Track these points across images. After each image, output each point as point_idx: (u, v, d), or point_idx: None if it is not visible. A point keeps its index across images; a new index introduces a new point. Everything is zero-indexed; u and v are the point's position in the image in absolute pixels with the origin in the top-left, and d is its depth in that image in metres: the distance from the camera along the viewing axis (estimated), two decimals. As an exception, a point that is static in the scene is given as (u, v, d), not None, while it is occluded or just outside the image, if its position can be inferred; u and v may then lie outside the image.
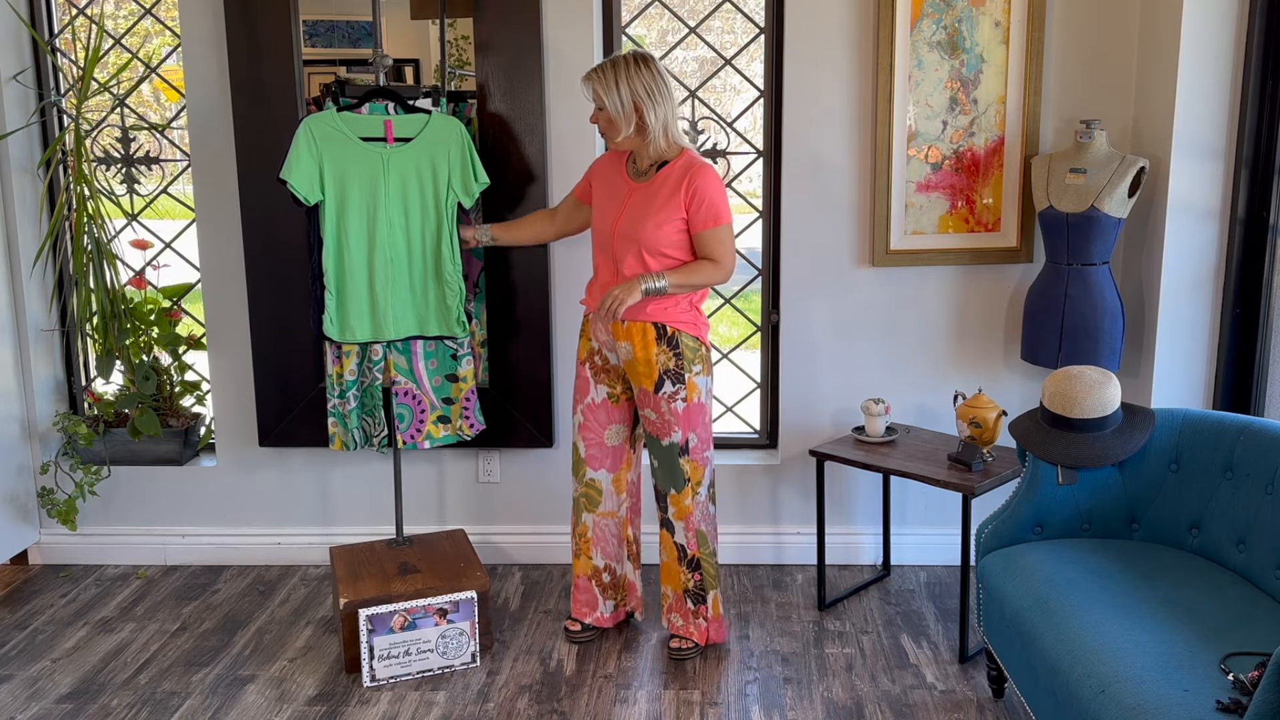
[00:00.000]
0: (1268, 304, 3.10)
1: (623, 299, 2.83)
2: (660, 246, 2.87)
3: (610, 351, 3.03)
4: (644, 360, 2.92)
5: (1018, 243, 3.44)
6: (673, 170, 2.88)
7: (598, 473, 3.10)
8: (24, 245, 3.61)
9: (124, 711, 2.85)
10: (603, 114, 2.87)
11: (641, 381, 2.95)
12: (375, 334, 3.08)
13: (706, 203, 2.85)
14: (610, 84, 2.82)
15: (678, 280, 2.87)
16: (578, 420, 3.10)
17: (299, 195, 2.97)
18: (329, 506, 3.75)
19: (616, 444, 3.10)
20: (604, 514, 3.13)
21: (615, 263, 2.94)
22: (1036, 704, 2.39)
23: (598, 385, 3.06)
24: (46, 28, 3.64)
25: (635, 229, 2.88)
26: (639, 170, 2.95)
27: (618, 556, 3.17)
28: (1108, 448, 2.62)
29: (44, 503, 3.69)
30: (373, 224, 3.03)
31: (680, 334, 2.92)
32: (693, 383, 2.94)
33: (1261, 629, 2.20)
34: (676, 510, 3.01)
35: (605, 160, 3.05)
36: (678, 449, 2.96)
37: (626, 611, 3.23)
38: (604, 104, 2.84)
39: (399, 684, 2.96)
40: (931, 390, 3.57)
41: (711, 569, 3.07)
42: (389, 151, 3.02)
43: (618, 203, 2.94)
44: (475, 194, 3.12)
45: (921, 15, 3.32)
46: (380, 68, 3.09)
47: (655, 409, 2.95)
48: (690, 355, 2.93)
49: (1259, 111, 3.05)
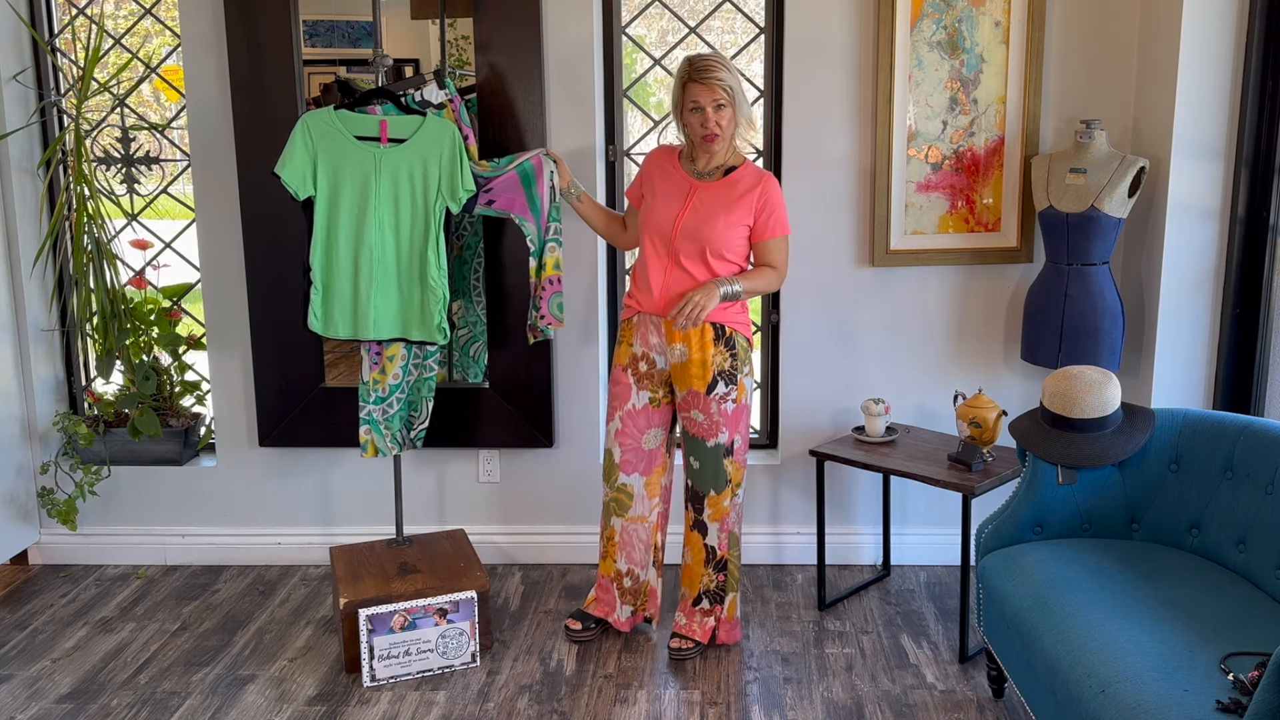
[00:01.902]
0: (1268, 304, 3.10)
1: (705, 305, 2.80)
2: (724, 249, 2.87)
3: (660, 354, 2.99)
4: (700, 362, 2.90)
5: (1018, 243, 3.44)
6: (744, 176, 2.89)
7: (630, 477, 3.07)
8: (24, 245, 3.61)
9: (124, 711, 2.85)
10: (723, 112, 2.81)
11: (693, 383, 2.92)
12: (356, 331, 3.08)
13: (776, 212, 2.89)
14: (736, 75, 2.80)
15: (749, 286, 2.88)
16: (615, 427, 3.06)
17: (290, 189, 2.99)
18: (329, 506, 3.75)
19: (654, 447, 3.08)
20: (634, 519, 3.11)
21: (672, 258, 2.90)
22: (1036, 704, 2.39)
23: (640, 391, 3.03)
24: (46, 28, 3.64)
25: (702, 227, 2.86)
26: (700, 170, 2.93)
27: (643, 563, 3.15)
28: (1108, 448, 2.62)
29: (44, 503, 3.69)
30: (361, 222, 3.02)
31: (736, 334, 2.93)
32: (742, 384, 2.95)
33: (1261, 629, 2.20)
34: (714, 512, 3.00)
35: (660, 156, 3.02)
36: (723, 450, 2.96)
37: (645, 617, 3.21)
38: (731, 98, 2.79)
39: (399, 684, 2.96)
40: (931, 390, 3.57)
41: (736, 571, 3.07)
42: (382, 151, 3.02)
43: (679, 197, 2.91)
44: (462, 200, 3.07)
45: (921, 15, 3.32)
46: (380, 68, 3.09)
47: (705, 410, 2.93)
48: (743, 355, 2.94)
49: (1259, 111, 3.05)
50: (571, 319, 3.55)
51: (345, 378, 3.56)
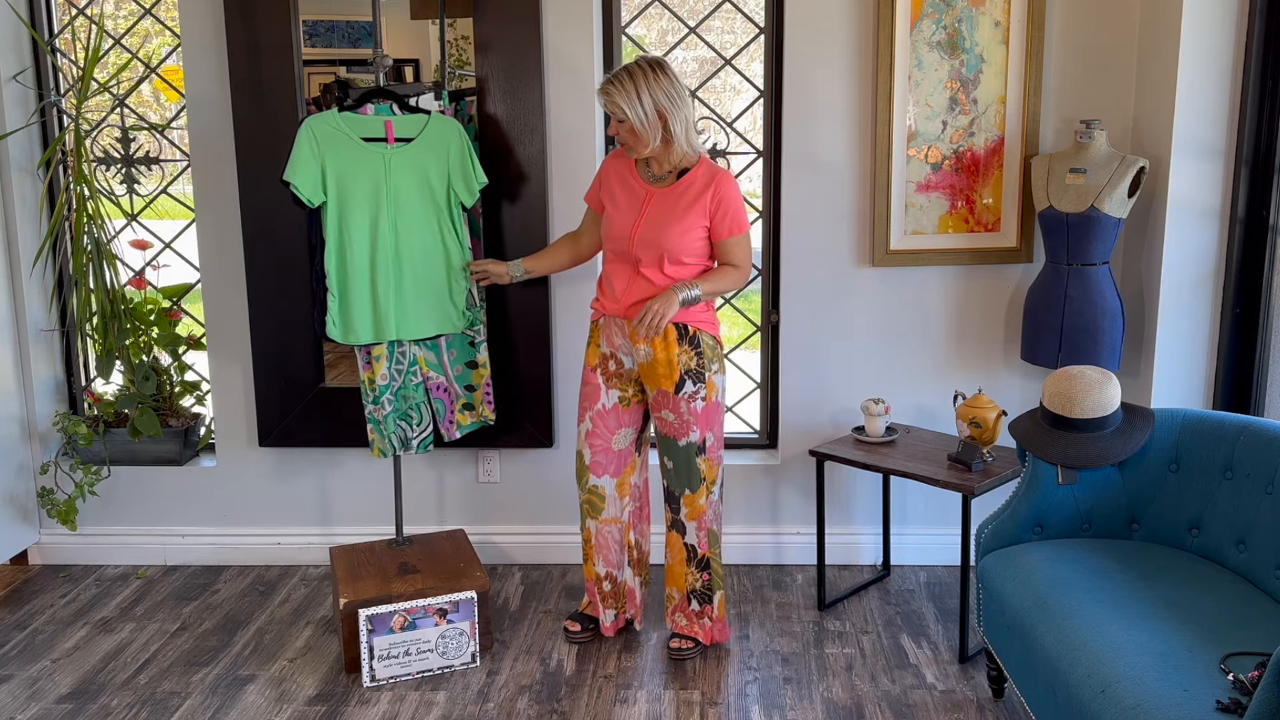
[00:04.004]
0: (1268, 304, 3.10)
1: (664, 313, 2.80)
2: (681, 254, 2.87)
3: (626, 355, 3.00)
4: (665, 361, 2.91)
5: (1018, 243, 3.44)
6: (696, 178, 2.87)
7: (601, 479, 3.08)
8: (24, 245, 3.61)
9: (124, 711, 2.85)
10: (624, 126, 2.81)
11: (661, 383, 2.93)
12: (377, 335, 3.08)
13: (731, 211, 2.86)
14: (632, 96, 2.76)
15: (709, 288, 2.87)
16: (585, 428, 3.06)
17: (302, 197, 2.95)
18: (329, 506, 3.75)
19: (623, 447, 3.08)
20: (606, 520, 3.11)
21: (632, 266, 2.91)
22: (1036, 704, 2.39)
23: (609, 390, 3.03)
24: (46, 28, 3.64)
25: (658, 235, 2.85)
26: (655, 175, 2.93)
27: (618, 564, 3.15)
28: (1108, 448, 2.62)
29: (44, 503, 3.69)
30: (375, 225, 3.02)
31: (701, 333, 2.92)
32: (712, 381, 2.94)
33: (1261, 629, 2.20)
34: (690, 510, 3.00)
35: (614, 162, 3.01)
36: (695, 448, 2.96)
37: (626, 618, 3.21)
38: (626, 116, 2.77)
39: (399, 684, 2.96)
40: (931, 390, 3.57)
41: (719, 569, 3.07)
42: (390, 152, 3.02)
43: (635, 207, 2.91)
44: (476, 192, 3.13)
45: (921, 15, 3.32)
46: (380, 68, 3.09)
47: (674, 410, 2.93)
48: (710, 354, 2.93)
49: (1259, 111, 3.05)
50: (572, 319, 3.55)
51: (345, 378, 3.56)
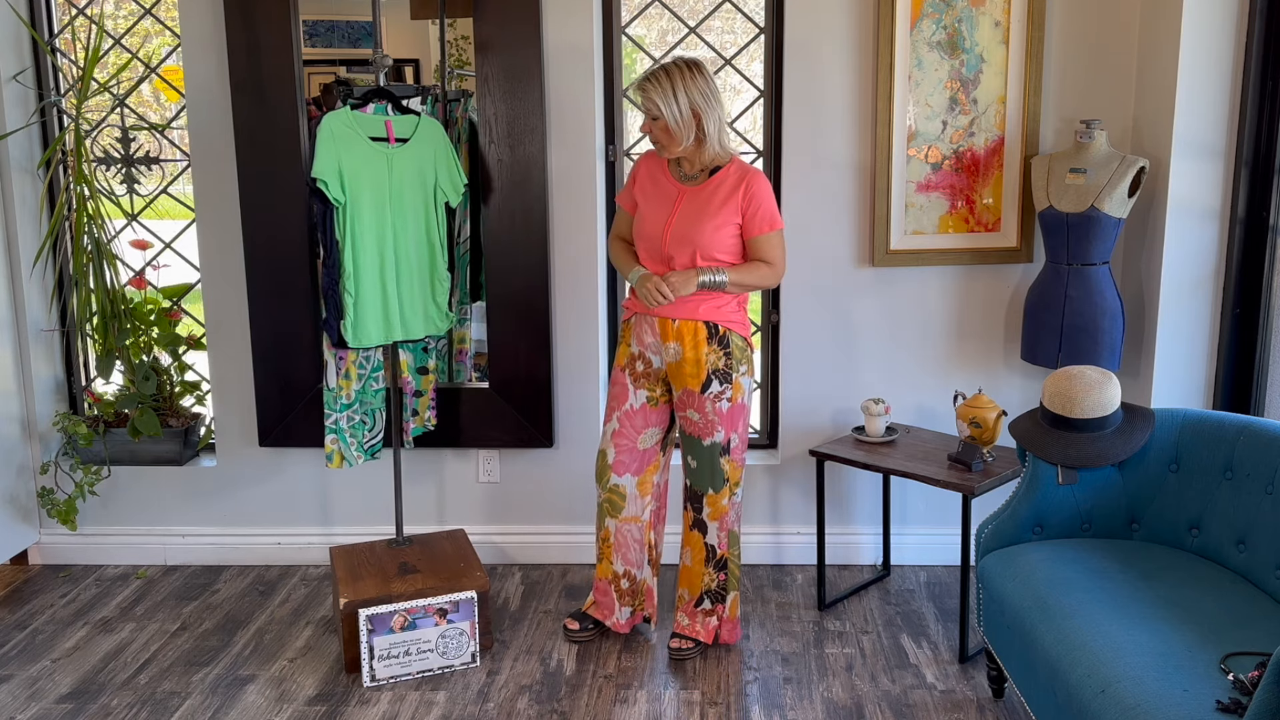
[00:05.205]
0: (1268, 304, 3.10)
1: (677, 285, 2.82)
2: (715, 250, 2.88)
3: (655, 354, 3.00)
4: (693, 360, 2.91)
5: (1018, 243, 3.44)
6: (728, 175, 2.89)
7: (622, 478, 3.07)
8: (24, 245, 3.61)
9: (124, 711, 2.85)
10: (659, 124, 2.82)
11: (688, 382, 2.93)
12: (388, 335, 3.08)
13: (764, 208, 2.88)
14: (668, 94, 2.78)
15: (737, 278, 2.88)
16: (612, 428, 3.06)
17: (329, 195, 2.92)
18: (329, 506, 3.75)
19: (648, 447, 3.08)
20: (627, 519, 3.10)
21: (665, 264, 2.93)
22: (1036, 704, 2.39)
23: (637, 390, 3.03)
24: (46, 28, 3.64)
25: (691, 232, 2.87)
26: (686, 174, 2.94)
27: (638, 563, 3.14)
28: (1108, 448, 2.62)
29: (44, 503, 3.69)
30: (381, 224, 3.02)
31: (731, 333, 2.93)
32: (738, 383, 2.94)
33: (1261, 629, 2.20)
34: (713, 510, 3.01)
35: (647, 162, 3.03)
36: (719, 449, 2.96)
37: (644, 616, 3.20)
38: (661, 114, 2.79)
39: (399, 684, 2.96)
40: (931, 390, 3.57)
41: (736, 570, 3.07)
42: (392, 151, 3.02)
43: (667, 205, 2.93)
44: (460, 191, 3.16)
45: (921, 15, 3.32)
46: (380, 68, 3.09)
47: (700, 409, 2.94)
48: (739, 355, 2.94)
49: (1259, 111, 3.05)
50: (572, 319, 3.55)
51: (345, 378, 3.56)
